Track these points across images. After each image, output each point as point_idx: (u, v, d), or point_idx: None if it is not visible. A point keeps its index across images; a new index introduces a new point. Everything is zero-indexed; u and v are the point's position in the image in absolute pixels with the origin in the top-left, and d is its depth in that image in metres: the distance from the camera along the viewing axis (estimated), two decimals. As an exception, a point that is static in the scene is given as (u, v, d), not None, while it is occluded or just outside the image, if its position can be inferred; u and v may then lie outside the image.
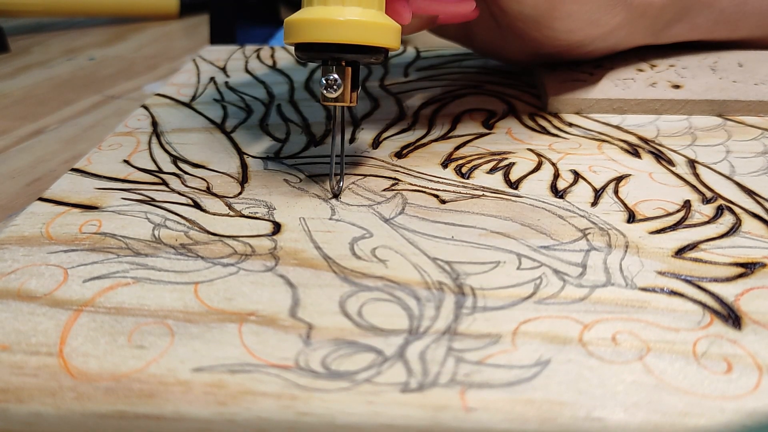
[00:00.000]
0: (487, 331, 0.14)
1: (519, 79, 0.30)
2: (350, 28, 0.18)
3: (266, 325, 0.14)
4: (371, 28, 0.18)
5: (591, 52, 0.27)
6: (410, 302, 0.15)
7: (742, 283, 0.15)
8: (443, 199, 0.20)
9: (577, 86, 0.27)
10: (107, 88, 0.39)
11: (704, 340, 0.14)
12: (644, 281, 0.16)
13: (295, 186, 0.21)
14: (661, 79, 0.27)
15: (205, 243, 0.18)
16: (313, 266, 0.16)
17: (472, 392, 0.12)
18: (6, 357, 0.14)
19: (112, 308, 0.15)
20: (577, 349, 0.13)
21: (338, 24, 0.18)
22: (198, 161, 0.23)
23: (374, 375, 0.13)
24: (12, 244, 0.18)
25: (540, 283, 0.16)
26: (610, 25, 0.24)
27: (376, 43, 0.18)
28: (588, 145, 0.23)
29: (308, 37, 0.18)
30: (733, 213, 0.18)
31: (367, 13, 0.18)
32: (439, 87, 0.30)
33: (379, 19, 0.18)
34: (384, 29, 0.18)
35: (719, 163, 0.21)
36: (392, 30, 0.19)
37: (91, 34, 0.53)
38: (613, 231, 0.18)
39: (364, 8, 0.18)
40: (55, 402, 0.13)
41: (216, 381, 0.13)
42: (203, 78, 0.32)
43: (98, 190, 0.21)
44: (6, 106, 0.36)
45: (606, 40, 0.26)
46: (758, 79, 0.27)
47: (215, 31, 0.47)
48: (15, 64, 0.44)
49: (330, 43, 0.18)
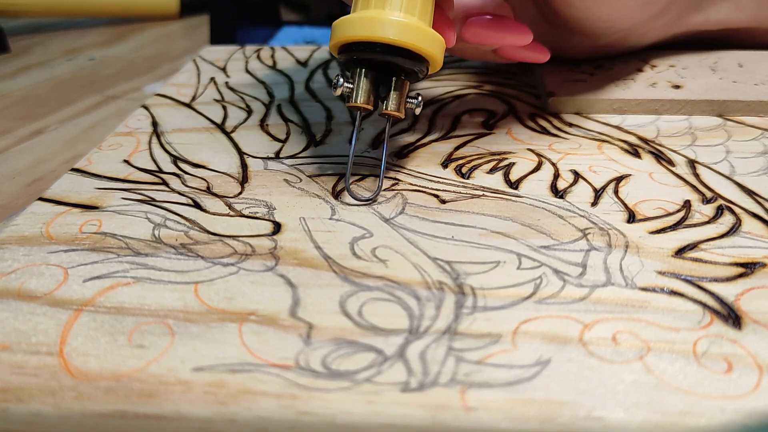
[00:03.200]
0: (488, 331, 0.14)
1: (519, 79, 0.30)
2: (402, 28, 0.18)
3: (266, 325, 0.14)
4: (421, 33, 0.18)
5: (645, 35, 0.27)
6: (410, 302, 0.15)
7: (742, 283, 0.15)
8: (443, 199, 0.20)
9: (577, 86, 0.27)
10: (107, 88, 0.39)
11: (704, 340, 0.14)
12: (644, 281, 0.16)
13: (295, 186, 0.21)
14: (661, 79, 0.27)
15: (206, 243, 0.18)
16: (313, 266, 0.16)
17: (473, 392, 0.12)
18: (6, 357, 0.14)
19: (112, 308, 0.15)
20: (578, 348, 0.13)
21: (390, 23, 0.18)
22: (198, 161, 0.23)
23: (374, 375, 0.13)
24: (12, 244, 0.18)
25: (540, 283, 0.16)
26: (656, 5, 0.25)
27: (422, 50, 0.18)
28: (588, 145, 0.23)
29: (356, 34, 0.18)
30: (733, 213, 0.18)
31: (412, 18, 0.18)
32: (439, 87, 0.30)
33: (428, 29, 0.18)
34: (433, 39, 0.18)
35: (719, 163, 0.21)
36: (440, 42, 0.19)
37: (91, 34, 0.53)
38: (613, 231, 0.18)
39: (418, 18, 0.18)
40: (55, 402, 0.13)
41: (216, 381, 0.13)
42: (203, 78, 0.32)
43: (98, 190, 0.21)
44: (6, 106, 0.36)
45: (657, 20, 0.26)
46: (758, 79, 0.27)
47: (215, 31, 0.47)
48: (15, 64, 0.44)
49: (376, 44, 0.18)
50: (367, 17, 0.18)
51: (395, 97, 0.19)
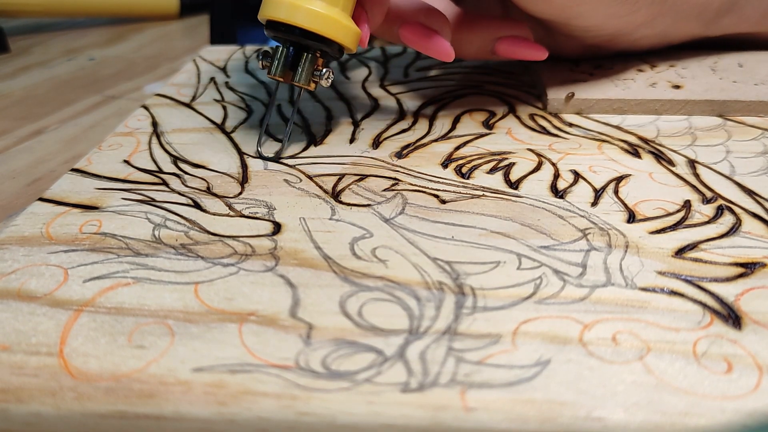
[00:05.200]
0: (487, 331, 0.14)
1: (519, 79, 0.30)
2: (312, 17, 0.20)
3: (266, 325, 0.14)
4: (330, 22, 0.21)
5: (637, 41, 0.28)
6: (410, 302, 0.15)
7: (742, 283, 0.15)
8: (443, 199, 0.20)
9: (577, 86, 0.27)
10: (107, 88, 0.39)
11: (704, 340, 0.14)
12: (644, 281, 0.16)
13: (295, 186, 0.21)
14: (661, 79, 0.27)
15: (206, 243, 0.18)
16: (313, 266, 0.16)
17: (473, 392, 0.12)
18: (6, 357, 0.14)
19: (112, 308, 0.15)
20: (578, 349, 0.13)
21: (302, 10, 0.20)
22: (198, 161, 0.23)
23: (374, 375, 0.13)
24: (12, 244, 0.18)
25: (540, 283, 0.16)
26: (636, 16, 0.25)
27: (332, 37, 0.21)
28: (588, 145, 0.23)
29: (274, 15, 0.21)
30: (733, 213, 0.18)
31: (331, 9, 0.21)
32: (439, 87, 0.30)
33: (342, 19, 0.21)
34: (342, 28, 0.21)
35: (719, 163, 0.21)
36: (351, 31, 0.21)
37: (91, 34, 0.53)
38: (613, 231, 0.18)
39: (329, 4, 0.21)
40: (55, 402, 0.13)
41: (216, 381, 0.13)
42: (203, 78, 0.32)
43: (98, 190, 0.21)
44: (6, 106, 0.36)
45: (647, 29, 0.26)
46: (758, 79, 0.27)
47: (215, 31, 0.47)
48: (15, 64, 0.44)
49: (295, 27, 0.21)
50: (291, 2, 0.21)
51: (305, 72, 0.22)
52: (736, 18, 0.28)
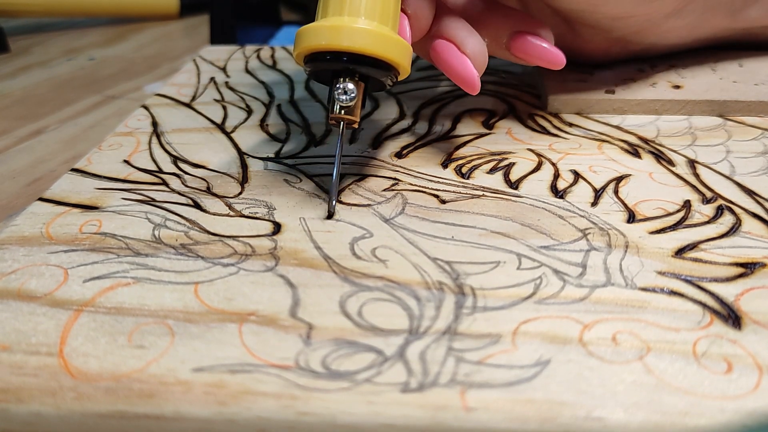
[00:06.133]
0: (487, 331, 0.14)
1: (519, 79, 0.30)
2: (366, 37, 0.17)
3: (266, 325, 0.14)
4: (386, 41, 0.18)
5: (665, 33, 0.27)
6: (410, 302, 0.15)
7: (742, 283, 0.15)
8: (443, 199, 0.20)
9: (577, 86, 0.27)
10: (107, 88, 0.39)
11: (704, 340, 0.14)
12: (644, 281, 0.16)
13: (295, 186, 0.21)
14: (662, 79, 0.27)
15: (206, 243, 0.18)
16: (313, 266, 0.16)
17: (472, 392, 0.12)
18: (6, 357, 0.14)
19: (112, 308, 0.15)
20: (577, 349, 0.13)
21: (353, 31, 0.17)
22: (198, 161, 0.23)
23: (374, 375, 0.13)
24: (12, 244, 0.18)
25: (540, 283, 0.16)
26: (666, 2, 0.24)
27: (389, 58, 0.18)
28: (588, 145, 0.23)
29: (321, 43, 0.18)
30: (733, 213, 0.18)
31: (381, 27, 0.18)
32: (440, 87, 0.30)
33: (393, 35, 0.18)
34: (398, 45, 0.18)
35: (719, 163, 0.21)
36: (405, 48, 0.18)
37: (91, 34, 0.53)
38: (613, 231, 0.18)
39: (378, 23, 0.18)
40: (55, 402, 0.13)
41: (216, 381, 0.13)
42: (203, 78, 0.32)
43: (98, 190, 0.21)
44: (6, 106, 0.36)
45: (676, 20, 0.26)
46: (758, 79, 0.27)
47: (215, 31, 0.47)
48: (15, 64, 0.44)
49: (342, 54, 0.17)
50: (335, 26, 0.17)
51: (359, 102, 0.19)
52: (762, 9, 0.28)
